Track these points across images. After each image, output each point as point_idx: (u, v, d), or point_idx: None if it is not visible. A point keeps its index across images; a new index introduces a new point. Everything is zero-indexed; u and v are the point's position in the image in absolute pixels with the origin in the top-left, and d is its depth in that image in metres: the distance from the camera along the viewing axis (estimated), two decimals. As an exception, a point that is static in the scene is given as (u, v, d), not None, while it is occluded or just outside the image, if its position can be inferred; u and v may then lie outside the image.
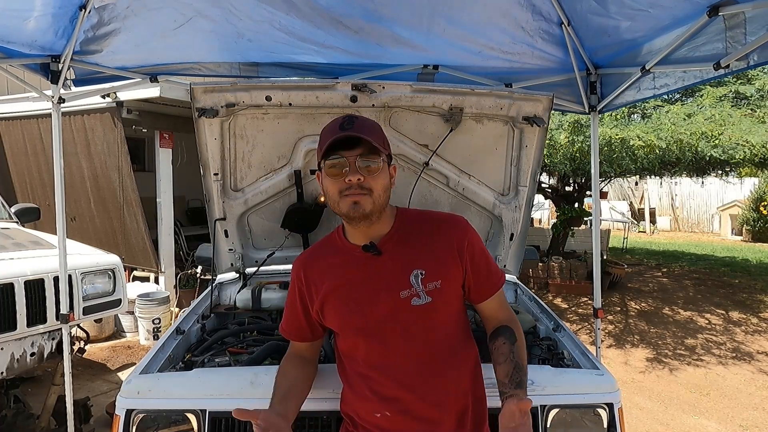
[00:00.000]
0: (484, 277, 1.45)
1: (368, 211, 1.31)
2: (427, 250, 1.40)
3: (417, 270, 1.36)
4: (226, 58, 2.77)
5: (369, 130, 1.33)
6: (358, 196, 1.29)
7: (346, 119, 1.33)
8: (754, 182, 14.78)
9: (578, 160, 6.76)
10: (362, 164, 1.30)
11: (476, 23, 2.37)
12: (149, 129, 6.15)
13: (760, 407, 4.42)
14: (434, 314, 1.37)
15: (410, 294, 1.35)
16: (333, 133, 1.31)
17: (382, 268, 1.38)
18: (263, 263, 2.68)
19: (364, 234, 1.39)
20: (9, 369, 3.18)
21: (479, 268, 1.43)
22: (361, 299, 1.37)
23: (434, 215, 1.51)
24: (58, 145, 2.66)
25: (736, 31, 1.81)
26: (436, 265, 1.38)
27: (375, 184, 1.31)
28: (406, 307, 1.35)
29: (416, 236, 1.41)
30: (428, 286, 1.36)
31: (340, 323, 1.42)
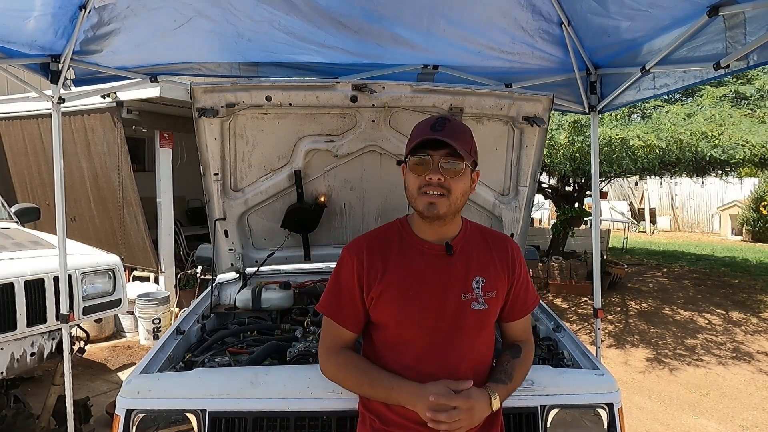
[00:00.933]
0: (522, 299, 1.52)
1: (442, 213, 1.36)
2: (488, 259, 1.47)
3: (479, 277, 1.43)
4: (226, 58, 2.77)
5: (458, 134, 1.36)
6: (435, 197, 1.35)
7: (438, 120, 1.37)
8: (754, 182, 14.78)
9: (578, 160, 6.76)
10: (445, 165, 1.34)
11: (476, 23, 2.37)
12: (149, 129, 6.15)
13: (760, 407, 4.42)
14: (486, 321, 1.45)
15: (470, 298, 1.41)
16: (423, 132, 1.36)
17: (449, 268, 1.42)
18: (263, 263, 2.68)
19: (435, 232, 1.44)
20: (9, 369, 3.18)
21: (520, 288, 1.51)
22: (425, 294, 1.40)
23: (491, 230, 1.59)
24: (58, 145, 2.66)
25: (735, 31, 1.82)
26: (494, 275, 1.45)
27: (455, 186, 1.36)
28: (467, 309, 1.41)
29: (479, 244, 1.48)
30: (487, 293, 1.42)
31: (396, 314, 1.41)
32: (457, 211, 1.42)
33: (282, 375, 1.69)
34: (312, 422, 1.60)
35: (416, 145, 1.36)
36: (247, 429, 1.58)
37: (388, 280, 1.41)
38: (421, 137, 1.35)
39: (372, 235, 1.52)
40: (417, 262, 1.42)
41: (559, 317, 2.45)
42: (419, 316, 1.40)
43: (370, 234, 1.53)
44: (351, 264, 1.44)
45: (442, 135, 1.33)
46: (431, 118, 1.40)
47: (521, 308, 1.53)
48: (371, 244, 1.47)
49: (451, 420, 1.28)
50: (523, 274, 1.52)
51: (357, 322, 1.47)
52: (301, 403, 1.60)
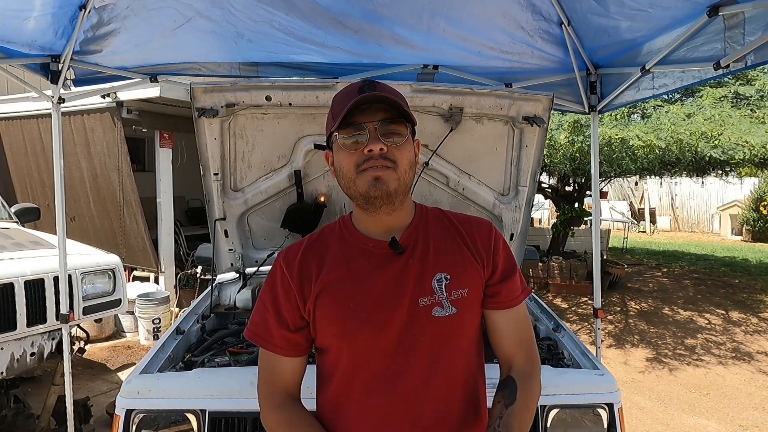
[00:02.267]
0: (507, 288, 1.17)
1: (392, 189, 1.05)
2: (452, 249, 1.15)
3: (441, 273, 1.10)
4: (226, 58, 2.77)
5: (389, 92, 1.08)
6: (380, 170, 1.04)
7: (366, 82, 1.09)
8: (754, 182, 14.78)
9: (578, 160, 6.77)
10: (386, 131, 1.05)
11: (476, 23, 2.37)
12: (149, 129, 6.15)
13: (760, 407, 4.42)
14: (458, 330, 1.11)
15: (431, 302, 1.08)
16: (350, 96, 1.06)
17: (401, 267, 1.11)
18: (263, 263, 2.68)
19: (381, 224, 1.13)
20: (9, 369, 3.18)
21: (502, 277, 1.17)
22: (368, 303, 1.08)
23: (457, 214, 1.23)
24: (58, 145, 2.66)
25: (734, 31, 1.82)
26: (462, 268, 1.13)
27: (400, 156, 1.06)
28: (426, 318, 1.08)
29: (439, 234, 1.17)
30: (453, 294, 1.10)
31: (337, 334, 1.10)
32: (407, 190, 1.11)
33: (282, 375, 1.69)
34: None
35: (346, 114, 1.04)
36: (246, 429, 1.58)
37: (322, 290, 1.10)
38: (350, 100, 1.03)
39: (308, 238, 1.21)
40: (359, 264, 1.12)
41: (559, 317, 2.45)
42: (365, 332, 1.07)
43: (307, 237, 1.22)
44: (280, 274, 1.15)
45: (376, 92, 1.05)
46: (354, 83, 1.11)
47: (506, 298, 1.16)
48: (305, 248, 1.17)
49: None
50: (506, 261, 1.18)
51: (292, 345, 1.14)
52: (301, 403, 1.60)
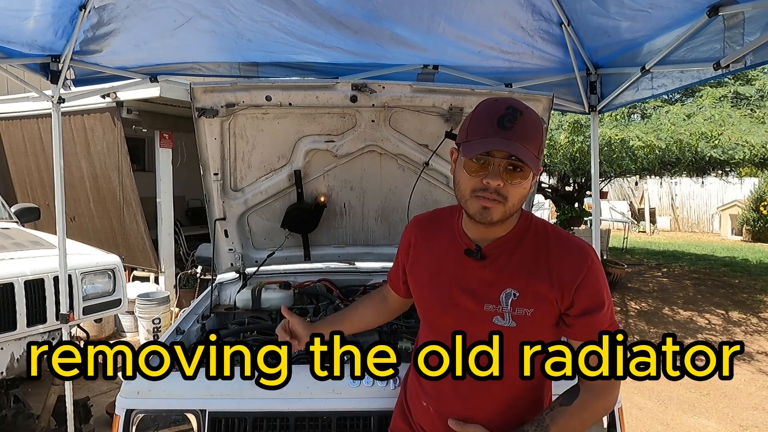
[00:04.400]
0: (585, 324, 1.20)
1: (496, 220, 1.16)
2: (532, 271, 1.21)
3: (511, 289, 1.20)
4: (226, 58, 2.77)
5: (529, 136, 1.12)
6: (491, 202, 1.14)
7: (508, 114, 1.11)
8: (754, 182, 14.78)
9: (578, 160, 6.77)
10: (508, 170, 1.12)
11: (476, 23, 2.37)
12: (149, 129, 6.15)
13: (760, 407, 4.42)
14: (514, 342, 1.23)
15: (494, 311, 1.21)
16: (489, 128, 1.12)
17: (478, 271, 1.25)
18: (263, 263, 2.68)
19: (478, 231, 1.26)
20: (9, 369, 3.18)
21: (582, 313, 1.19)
22: (445, 288, 1.28)
23: (561, 234, 1.27)
24: (58, 145, 2.66)
25: (734, 31, 1.82)
26: (534, 292, 1.20)
27: (513, 193, 1.14)
28: (487, 321, 1.22)
29: (528, 251, 1.24)
30: (517, 310, 1.20)
31: (418, 298, 1.38)
32: (510, 217, 1.20)
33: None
34: (312, 422, 1.60)
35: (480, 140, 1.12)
36: (246, 429, 1.58)
37: (417, 257, 1.38)
38: (486, 137, 1.11)
39: (434, 212, 1.46)
40: (448, 254, 1.30)
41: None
42: (437, 313, 1.32)
43: (433, 211, 1.47)
44: (406, 232, 1.46)
45: (512, 137, 1.09)
46: (499, 107, 1.13)
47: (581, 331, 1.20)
48: (428, 219, 1.44)
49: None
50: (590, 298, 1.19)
51: (396, 284, 1.51)
52: (300, 403, 1.60)
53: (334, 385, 1.62)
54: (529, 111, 1.14)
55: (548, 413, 1.18)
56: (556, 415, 1.17)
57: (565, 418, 1.17)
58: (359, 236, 2.80)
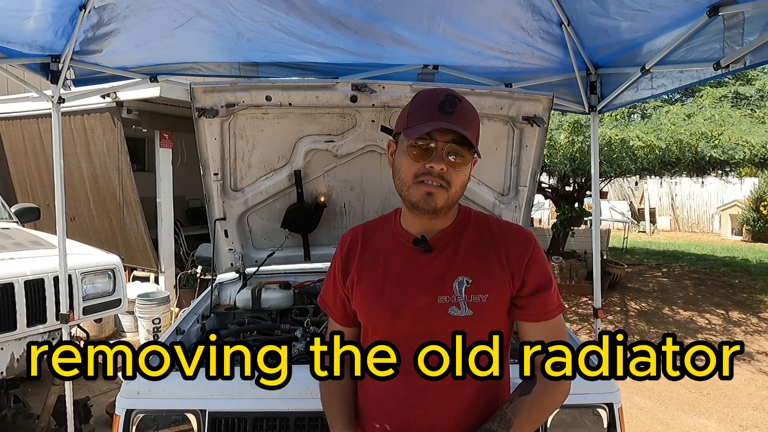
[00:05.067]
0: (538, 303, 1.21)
1: (439, 206, 1.16)
2: (481, 256, 1.22)
3: (463, 277, 1.19)
4: (226, 58, 2.77)
5: (469, 120, 1.16)
6: (434, 188, 1.14)
7: (447, 99, 1.15)
8: (754, 182, 14.78)
9: (578, 160, 6.77)
10: (451, 154, 1.14)
11: (476, 23, 2.37)
12: (149, 129, 6.15)
13: (760, 407, 4.42)
14: (473, 332, 1.19)
15: (448, 302, 1.18)
16: (430, 113, 1.14)
17: (427, 265, 1.22)
18: (263, 263, 2.68)
19: (421, 224, 1.24)
20: (9, 369, 3.18)
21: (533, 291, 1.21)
22: (395, 292, 1.22)
23: (501, 223, 1.31)
24: (58, 145, 2.66)
25: (734, 31, 1.82)
26: (487, 276, 1.20)
27: (456, 179, 1.16)
28: (443, 313, 1.18)
29: (473, 239, 1.25)
30: (472, 297, 1.18)
31: (366, 311, 1.27)
32: (453, 206, 1.22)
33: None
34: (312, 422, 1.60)
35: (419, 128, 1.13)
36: (246, 429, 1.58)
37: (360, 270, 1.28)
38: (428, 121, 1.13)
39: (365, 223, 1.40)
40: (394, 255, 1.26)
41: (559, 317, 2.44)
42: (388, 317, 1.22)
43: (365, 222, 1.41)
44: (338, 249, 1.37)
45: (454, 121, 1.12)
46: (438, 94, 1.17)
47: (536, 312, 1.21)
48: (360, 230, 1.36)
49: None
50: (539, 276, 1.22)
51: (343, 314, 1.35)
52: (300, 403, 1.60)
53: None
54: (466, 100, 1.19)
55: (509, 406, 1.16)
56: (518, 407, 1.15)
57: (526, 408, 1.15)
58: (359, 236, 2.80)
